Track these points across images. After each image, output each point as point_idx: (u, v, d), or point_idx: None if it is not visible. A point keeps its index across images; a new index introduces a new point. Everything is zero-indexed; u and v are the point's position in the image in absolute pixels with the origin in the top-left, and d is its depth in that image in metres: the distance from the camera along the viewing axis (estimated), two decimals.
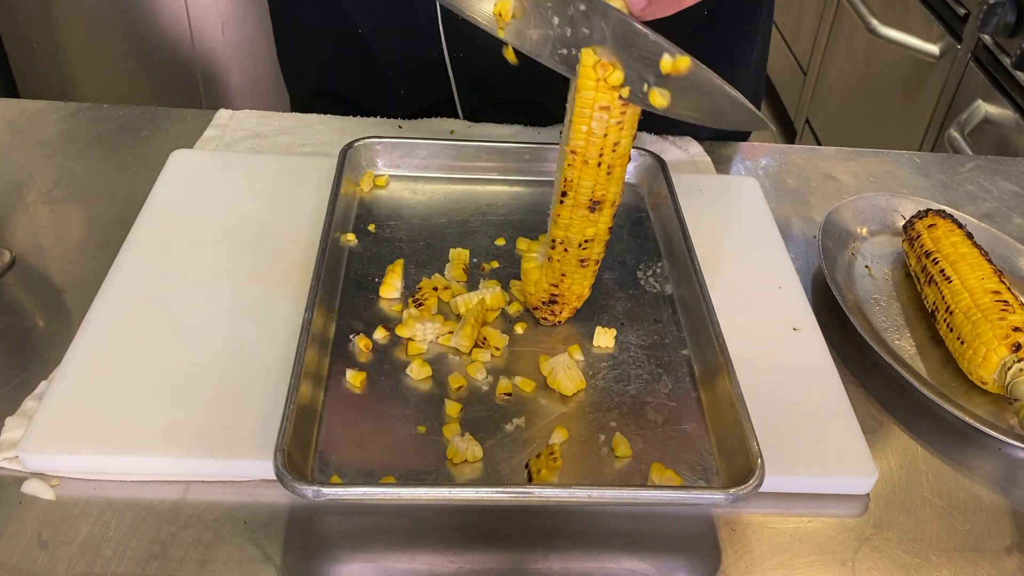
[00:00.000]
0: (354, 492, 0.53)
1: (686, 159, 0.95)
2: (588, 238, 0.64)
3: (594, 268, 0.68)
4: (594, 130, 0.59)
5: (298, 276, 0.72)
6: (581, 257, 0.65)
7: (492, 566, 0.55)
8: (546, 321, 0.70)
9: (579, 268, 0.66)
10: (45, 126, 0.92)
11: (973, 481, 0.64)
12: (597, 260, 0.67)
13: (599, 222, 0.64)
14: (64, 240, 0.78)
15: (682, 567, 0.56)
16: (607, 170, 0.61)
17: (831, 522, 0.60)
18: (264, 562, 0.54)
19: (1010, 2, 1.54)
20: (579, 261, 0.66)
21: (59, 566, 0.53)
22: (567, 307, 0.69)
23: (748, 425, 0.58)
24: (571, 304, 0.69)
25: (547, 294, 0.68)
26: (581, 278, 0.67)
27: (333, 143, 0.91)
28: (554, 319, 0.70)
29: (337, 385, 0.64)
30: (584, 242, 0.65)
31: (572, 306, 0.69)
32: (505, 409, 0.63)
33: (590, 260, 0.66)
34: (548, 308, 0.69)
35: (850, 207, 0.85)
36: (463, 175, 0.85)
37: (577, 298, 0.69)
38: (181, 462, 0.58)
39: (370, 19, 0.94)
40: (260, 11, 2.24)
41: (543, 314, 0.69)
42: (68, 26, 2.25)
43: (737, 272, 0.77)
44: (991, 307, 0.69)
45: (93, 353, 0.64)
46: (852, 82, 2.34)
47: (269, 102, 2.35)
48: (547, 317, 0.69)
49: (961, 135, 1.62)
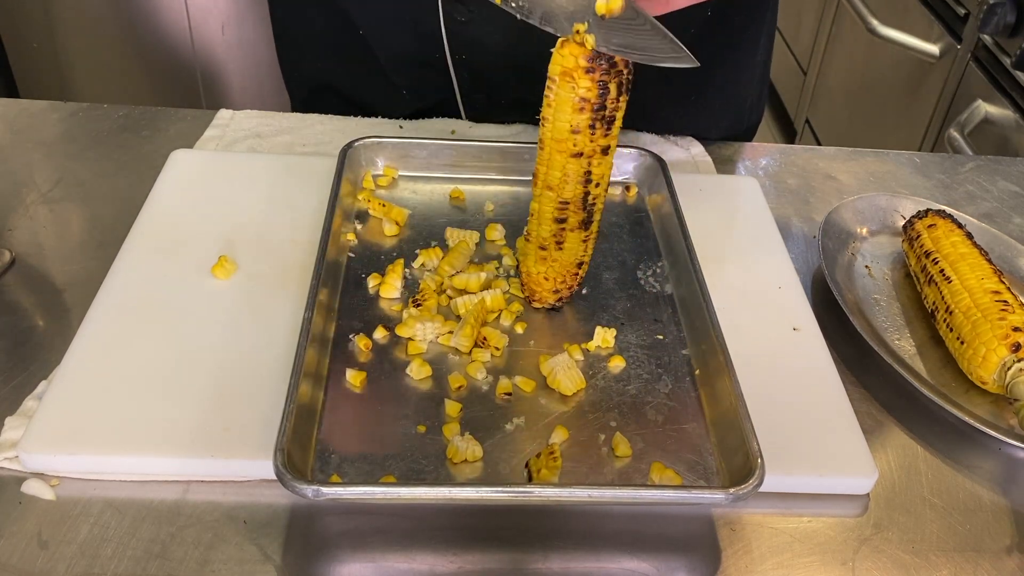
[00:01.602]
0: (354, 491, 0.53)
1: (687, 159, 0.95)
2: (565, 198, 0.64)
3: (579, 237, 0.67)
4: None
5: (298, 276, 0.72)
6: (558, 208, 0.65)
7: (492, 566, 0.55)
8: (542, 302, 0.70)
9: (557, 228, 0.66)
10: (45, 126, 0.92)
11: (973, 481, 0.64)
12: (580, 224, 0.67)
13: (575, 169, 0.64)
14: (64, 240, 0.78)
15: (682, 567, 0.56)
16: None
17: (831, 522, 0.60)
18: (264, 562, 0.54)
19: (1010, 2, 1.54)
20: (555, 215, 0.66)
21: (59, 566, 0.53)
22: (557, 281, 0.69)
23: (748, 425, 0.58)
24: (560, 277, 0.69)
25: (537, 266, 0.69)
26: (572, 247, 0.67)
27: (333, 143, 0.91)
28: (545, 296, 0.70)
29: (337, 385, 0.64)
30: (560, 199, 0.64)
31: (564, 283, 0.70)
32: (505, 409, 0.63)
33: (568, 217, 0.66)
34: (542, 282, 0.69)
35: (850, 207, 0.85)
36: (464, 175, 0.85)
37: (572, 275, 0.69)
38: (181, 462, 0.58)
39: (371, 20, 0.94)
40: (260, 11, 2.24)
41: (539, 293, 0.70)
42: (68, 26, 2.25)
43: (737, 272, 0.77)
44: (991, 307, 0.69)
45: (93, 353, 0.64)
46: (852, 82, 2.34)
47: (269, 102, 2.35)
48: (543, 296, 0.70)
49: (961, 135, 1.62)
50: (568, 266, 0.69)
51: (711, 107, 0.99)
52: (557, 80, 0.60)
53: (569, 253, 0.68)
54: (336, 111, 0.97)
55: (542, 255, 0.68)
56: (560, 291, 0.70)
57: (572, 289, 0.71)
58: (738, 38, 0.96)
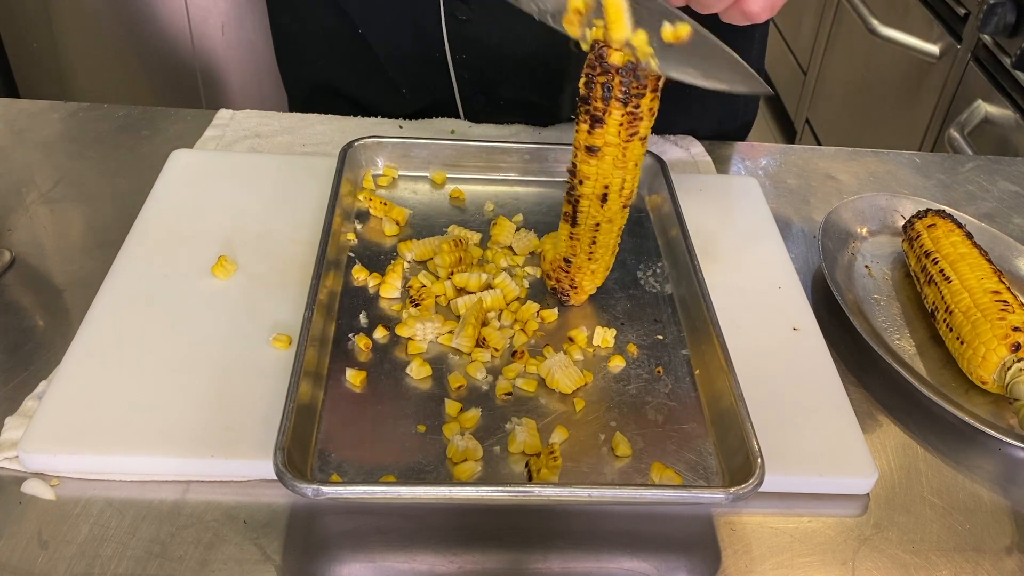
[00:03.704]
0: (354, 491, 0.53)
1: (687, 158, 0.95)
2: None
3: (565, 231, 0.69)
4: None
5: (298, 276, 0.72)
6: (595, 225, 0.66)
7: (492, 566, 0.55)
8: (564, 297, 0.72)
9: (594, 237, 0.68)
10: (45, 126, 0.92)
11: (973, 481, 0.64)
12: (565, 217, 0.68)
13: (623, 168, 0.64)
14: (64, 240, 0.78)
15: (682, 567, 0.56)
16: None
17: (831, 522, 0.60)
18: (264, 562, 0.54)
19: (1010, 2, 1.54)
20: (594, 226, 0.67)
21: (59, 566, 0.53)
22: (580, 277, 0.70)
23: (748, 425, 0.58)
24: (584, 275, 0.70)
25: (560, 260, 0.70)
26: (603, 248, 0.68)
27: (333, 143, 0.91)
28: (567, 288, 0.71)
29: (337, 384, 0.64)
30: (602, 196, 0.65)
31: (587, 284, 0.71)
32: (505, 409, 0.63)
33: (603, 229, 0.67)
34: (564, 275, 0.71)
35: (850, 207, 0.85)
36: (464, 175, 0.85)
37: (590, 271, 0.70)
38: (181, 462, 0.58)
39: (371, 19, 0.94)
40: (260, 11, 2.24)
41: (558, 282, 0.71)
42: (68, 26, 2.25)
43: (737, 272, 0.77)
44: (991, 307, 0.69)
45: (93, 353, 0.64)
46: (852, 82, 2.34)
47: (269, 102, 2.35)
48: (564, 288, 0.71)
49: (961, 135, 1.62)
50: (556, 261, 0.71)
51: (706, 100, 0.99)
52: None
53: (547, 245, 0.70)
54: (336, 111, 0.97)
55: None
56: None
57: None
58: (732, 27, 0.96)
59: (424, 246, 0.75)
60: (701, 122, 0.99)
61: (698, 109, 0.99)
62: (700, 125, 0.98)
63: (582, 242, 0.68)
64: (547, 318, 0.70)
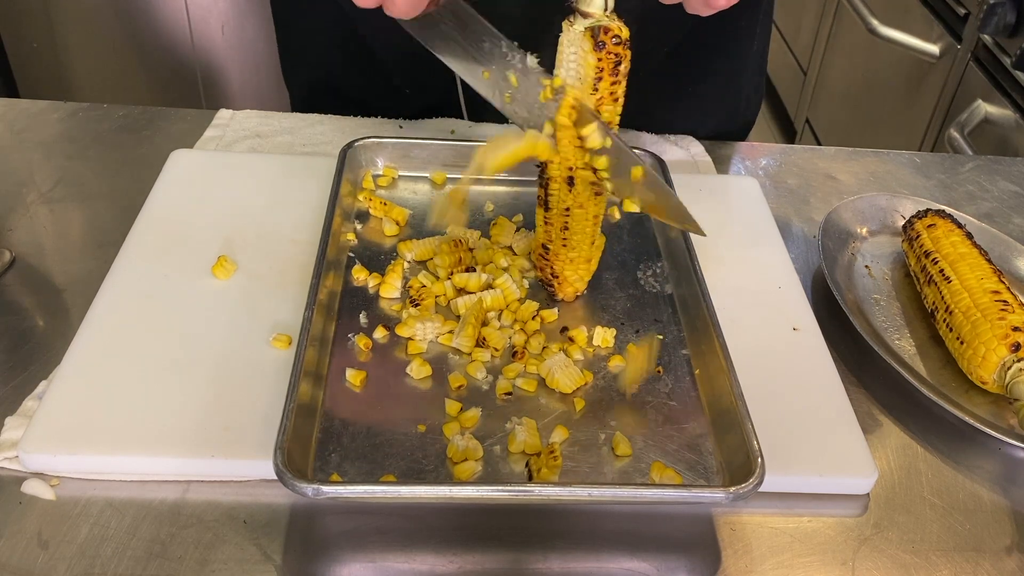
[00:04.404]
0: (354, 490, 0.53)
1: (687, 158, 0.95)
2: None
3: (540, 216, 0.69)
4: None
5: (298, 276, 0.72)
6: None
7: (492, 566, 0.55)
8: (550, 288, 0.72)
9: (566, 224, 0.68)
10: (45, 126, 0.92)
11: (973, 481, 0.64)
12: (539, 200, 0.69)
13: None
14: (64, 240, 0.78)
15: (682, 567, 0.56)
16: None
17: (831, 522, 0.60)
18: (264, 562, 0.54)
19: (1010, 2, 1.54)
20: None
21: (59, 566, 0.53)
22: (563, 272, 0.71)
23: (748, 425, 0.58)
24: (566, 269, 0.70)
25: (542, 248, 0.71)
26: (578, 235, 0.69)
27: (333, 143, 0.91)
28: (550, 277, 0.71)
29: (337, 384, 0.64)
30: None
31: (569, 275, 0.71)
32: (505, 409, 0.63)
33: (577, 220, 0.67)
34: (544, 262, 0.71)
35: (850, 207, 0.85)
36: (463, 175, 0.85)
37: (573, 268, 0.70)
38: (181, 462, 0.58)
39: (372, 20, 0.94)
40: (260, 11, 2.24)
41: (541, 270, 0.72)
42: (68, 26, 2.25)
43: (737, 272, 0.77)
44: (991, 307, 0.69)
45: (93, 353, 0.64)
46: (852, 82, 2.34)
47: (269, 102, 2.35)
48: (547, 277, 0.71)
49: (961, 135, 1.62)
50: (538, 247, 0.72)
51: (708, 99, 0.99)
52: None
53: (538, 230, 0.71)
54: (336, 111, 0.97)
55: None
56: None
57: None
58: (734, 26, 0.96)
59: (424, 246, 0.75)
60: (701, 122, 0.99)
61: (698, 109, 0.99)
62: (700, 125, 0.99)
63: (555, 227, 0.69)
64: (547, 318, 0.71)
